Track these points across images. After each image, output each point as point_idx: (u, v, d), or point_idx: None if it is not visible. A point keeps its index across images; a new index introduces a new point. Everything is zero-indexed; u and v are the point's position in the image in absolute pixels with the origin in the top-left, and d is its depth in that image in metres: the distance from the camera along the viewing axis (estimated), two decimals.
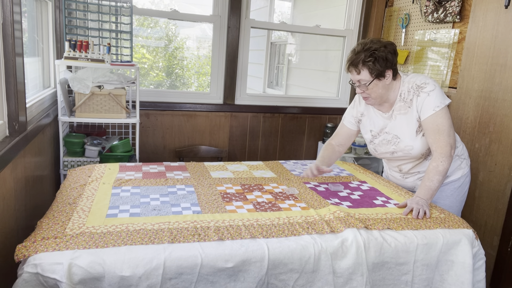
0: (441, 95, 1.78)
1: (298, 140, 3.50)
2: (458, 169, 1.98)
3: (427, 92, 1.77)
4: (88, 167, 2.09)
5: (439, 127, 1.75)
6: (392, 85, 1.83)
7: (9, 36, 1.57)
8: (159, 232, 1.37)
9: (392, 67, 1.78)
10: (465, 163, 2.01)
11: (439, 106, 1.75)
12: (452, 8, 2.66)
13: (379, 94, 1.82)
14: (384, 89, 1.82)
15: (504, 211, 2.31)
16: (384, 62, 1.74)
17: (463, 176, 1.99)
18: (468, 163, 2.02)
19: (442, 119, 1.75)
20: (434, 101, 1.75)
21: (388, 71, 1.77)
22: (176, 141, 3.19)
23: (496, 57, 2.36)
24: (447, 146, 1.74)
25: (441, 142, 1.74)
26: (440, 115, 1.75)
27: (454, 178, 1.97)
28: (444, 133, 1.74)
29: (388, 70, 1.77)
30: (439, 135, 1.75)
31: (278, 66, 5.61)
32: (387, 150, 1.96)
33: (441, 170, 1.73)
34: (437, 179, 1.73)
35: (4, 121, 1.61)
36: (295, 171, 2.26)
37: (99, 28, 2.77)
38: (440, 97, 1.76)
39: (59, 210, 1.52)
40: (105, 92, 2.56)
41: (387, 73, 1.77)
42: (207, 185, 1.91)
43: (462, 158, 1.99)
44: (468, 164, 2.02)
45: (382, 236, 1.50)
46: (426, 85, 1.78)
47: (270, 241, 1.39)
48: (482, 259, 1.61)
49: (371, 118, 1.99)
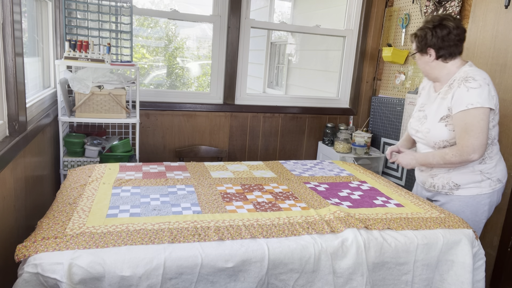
0: (482, 97, 1.69)
1: (298, 140, 3.50)
2: (474, 186, 1.84)
3: (468, 87, 1.73)
4: (88, 167, 2.09)
5: (467, 126, 1.70)
6: (439, 66, 1.86)
7: (9, 36, 1.57)
8: (159, 232, 1.37)
9: (435, 47, 1.82)
10: (488, 183, 1.84)
11: (473, 104, 1.69)
12: (452, 8, 2.66)
13: (422, 68, 1.92)
14: (427, 66, 1.89)
15: (504, 211, 2.31)
16: (424, 41, 1.84)
17: (479, 196, 1.84)
18: (494, 187, 1.85)
19: (473, 119, 1.69)
20: (470, 98, 1.70)
21: (429, 50, 1.84)
22: (176, 141, 3.19)
23: (496, 57, 2.36)
24: (469, 147, 1.69)
25: (465, 141, 1.70)
26: (473, 114, 1.69)
27: (465, 193, 1.85)
28: (471, 134, 1.69)
29: (430, 49, 1.83)
30: (465, 133, 1.71)
31: (278, 66, 5.61)
32: (414, 127, 1.99)
33: (447, 158, 1.76)
34: (437, 160, 1.80)
35: (4, 121, 1.61)
36: (295, 171, 2.26)
37: (99, 28, 2.77)
38: (478, 97, 1.69)
39: (59, 210, 1.52)
40: (105, 92, 2.56)
41: (429, 51, 1.84)
42: (207, 185, 1.91)
43: (486, 177, 1.83)
44: (493, 187, 1.84)
45: (382, 236, 1.50)
46: (473, 80, 1.73)
47: (270, 241, 1.39)
48: (482, 259, 1.62)
49: (425, 92, 2.02)
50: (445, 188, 1.89)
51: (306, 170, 2.30)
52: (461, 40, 1.82)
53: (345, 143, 3.16)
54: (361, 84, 3.54)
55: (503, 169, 1.88)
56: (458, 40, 1.81)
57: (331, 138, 3.37)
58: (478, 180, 1.83)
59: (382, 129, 3.36)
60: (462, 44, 1.84)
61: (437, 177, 1.91)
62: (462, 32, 1.82)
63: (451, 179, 1.86)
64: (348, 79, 3.55)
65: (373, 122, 3.49)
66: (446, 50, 1.81)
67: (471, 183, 1.84)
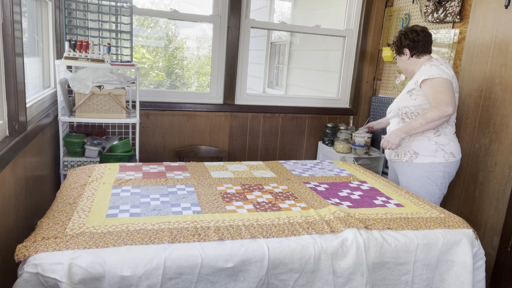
0: (442, 71, 2.08)
1: (298, 140, 3.50)
2: (430, 155, 2.17)
3: (431, 64, 2.14)
4: (88, 167, 2.09)
5: (436, 88, 2.05)
6: (414, 62, 2.27)
7: (9, 36, 1.57)
8: (159, 232, 1.37)
9: (407, 46, 2.25)
10: (442, 155, 2.16)
11: (434, 75, 2.07)
12: (452, 8, 2.66)
13: (401, 66, 2.35)
14: (405, 64, 2.31)
15: (504, 211, 2.31)
16: (398, 43, 2.29)
17: (434, 163, 2.16)
18: (447, 159, 2.17)
19: (439, 83, 2.05)
20: (433, 71, 2.09)
21: (405, 50, 2.27)
22: (176, 141, 3.19)
23: (496, 57, 2.36)
24: (443, 102, 2.02)
25: (438, 98, 2.03)
26: (438, 80, 2.06)
27: (423, 161, 2.18)
28: (442, 92, 2.03)
29: (405, 49, 2.27)
30: (437, 94, 2.04)
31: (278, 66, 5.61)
32: (389, 109, 2.37)
33: (427, 117, 2.06)
34: (420, 122, 2.08)
35: (4, 121, 1.61)
36: (295, 171, 2.26)
37: (99, 28, 2.77)
38: (439, 71, 2.08)
39: (59, 210, 1.52)
40: (105, 92, 2.56)
41: (404, 50, 2.28)
42: (207, 185, 1.91)
43: (440, 148, 2.16)
44: (447, 159, 2.17)
45: (382, 236, 1.50)
46: (435, 61, 2.17)
47: (270, 241, 1.39)
48: (482, 259, 1.62)
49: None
50: (406, 156, 2.24)
51: (306, 170, 2.30)
52: (428, 41, 2.24)
53: (345, 143, 3.16)
54: (361, 84, 3.54)
55: (456, 147, 2.21)
56: (425, 40, 2.23)
57: (331, 138, 3.37)
58: (433, 149, 2.17)
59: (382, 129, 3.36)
60: (430, 44, 2.26)
61: (401, 147, 2.26)
62: (428, 35, 2.24)
63: (411, 147, 2.21)
64: (348, 79, 3.55)
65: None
66: (418, 49, 2.24)
67: (427, 152, 2.17)
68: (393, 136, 2.20)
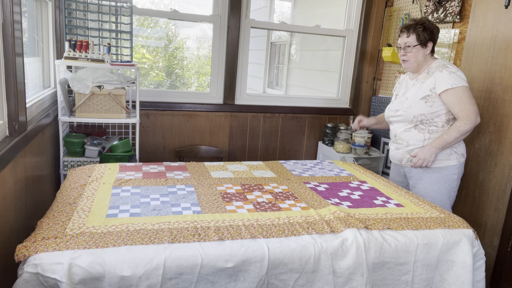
0: (462, 78, 2.04)
1: (298, 140, 3.50)
2: (445, 158, 2.13)
3: (449, 71, 2.06)
4: (88, 167, 2.09)
5: (462, 98, 2.01)
6: (428, 58, 2.17)
7: (9, 36, 1.57)
8: (159, 232, 1.37)
9: (433, 41, 2.13)
10: (455, 157, 2.14)
11: (456, 84, 2.01)
12: (452, 8, 2.66)
13: (417, 59, 2.16)
14: (422, 58, 2.15)
15: (504, 211, 2.31)
16: (430, 34, 2.11)
17: (449, 167, 2.13)
18: (459, 160, 2.15)
19: (463, 93, 2.01)
20: (453, 79, 2.03)
21: (430, 43, 2.13)
22: (176, 141, 3.19)
23: (496, 57, 2.36)
24: (473, 113, 2.00)
25: (467, 109, 2.00)
26: (461, 89, 2.02)
27: (438, 165, 2.13)
28: (469, 103, 2.01)
29: (430, 42, 2.13)
30: (464, 104, 2.01)
31: (278, 66, 5.61)
32: (394, 108, 2.26)
33: (461, 130, 2.01)
34: (454, 136, 2.03)
35: (4, 121, 1.61)
36: (295, 171, 2.26)
37: (99, 28, 2.77)
38: (459, 79, 2.04)
39: (59, 210, 1.52)
40: (105, 92, 2.56)
41: (429, 44, 2.13)
42: (207, 185, 1.91)
43: (453, 151, 2.13)
44: (459, 160, 2.15)
45: (382, 236, 1.50)
46: (451, 66, 2.09)
47: (270, 241, 1.39)
48: (482, 259, 1.62)
49: (402, 84, 2.32)
50: None
51: (306, 170, 2.30)
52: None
53: (345, 143, 3.16)
54: (361, 84, 3.54)
55: (464, 146, 2.19)
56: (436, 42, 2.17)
57: (331, 138, 3.37)
58: (448, 153, 2.12)
59: (382, 129, 3.36)
60: None
61: (413, 153, 2.17)
62: None
63: None
64: (348, 79, 3.55)
65: None
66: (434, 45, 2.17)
67: (443, 156, 2.12)
68: (428, 154, 2.07)
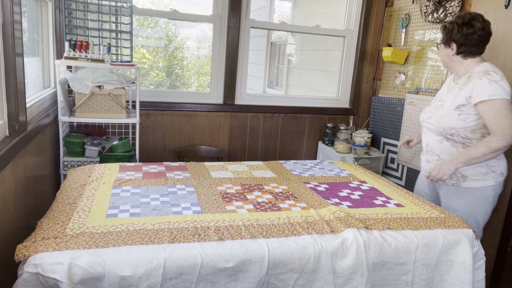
0: (504, 89, 1.79)
1: (298, 140, 3.50)
2: (480, 178, 1.92)
3: (490, 79, 1.82)
4: (88, 167, 2.09)
5: (499, 111, 1.77)
6: (458, 61, 1.97)
7: (9, 36, 1.57)
8: (159, 232, 1.37)
9: (457, 43, 1.92)
10: (492, 176, 1.92)
11: (496, 95, 1.78)
12: (452, 8, 2.66)
13: (443, 59, 2.04)
14: (448, 58, 2.00)
15: (504, 211, 2.31)
16: (449, 35, 1.94)
17: (485, 188, 1.92)
18: (497, 180, 1.93)
19: (501, 105, 1.77)
20: (493, 89, 1.79)
21: (452, 44, 1.94)
22: (176, 141, 3.19)
23: (496, 57, 2.36)
24: (509, 129, 1.75)
25: (503, 124, 1.76)
26: (500, 101, 1.78)
27: (471, 185, 1.93)
28: (507, 117, 1.76)
29: (453, 43, 1.94)
30: (501, 118, 1.77)
31: (278, 66, 5.61)
32: (427, 113, 2.08)
33: (492, 146, 1.76)
34: (482, 151, 1.78)
35: (4, 121, 1.61)
36: (295, 171, 2.26)
37: (99, 28, 2.77)
38: (501, 89, 1.79)
39: (59, 210, 1.52)
40: (105, 92, 2.56)
41: (452, 45, 1.95)
42: (207, 185, 1.91)
43: (491, 170, 1.91)
44: (497, 180, 1.93)
45: (382, 236, 1.50)
46: (494, 74, 1.83)
47: (270, 241, 1.39)
48: (482, 259, 1.62)
49: (445, 85, 2.12)
50: (453, 179, 1.97)
51: (306, 170, 2.30)
52: (483, 41, 1.90)
53: (345, 143, 3.16)
54: (361, 84, 3.54)
55: (505, 164, 1.95)
56: (480, 41, 1.89)
57: (331, 138, 3.37)
58: (484, 172, 1.91)
59: (382, 129, 3.36)
60: (484, 46, 1.92)
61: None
62: (487, 35, 1.90)
63: (459, 170, 1.92)
64: (348, 79, 3.55)
65: (373, 122, 3.49)
66: (467, 48, 1.91)
67: (478, 175, 1.91)
68: (446, 166, 1.85)
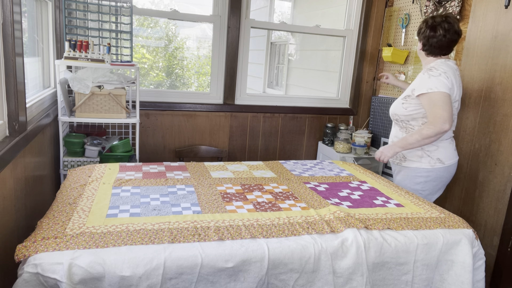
0: (440, 83, 1.98)
1: (298, 140, 3.50)
2: (416, 160, 2.18)
3: (430, 74, 2.03)
4: (88, 167, 2.09)
5: (434, 102, 1.99)
6: (422, 56, 2.18)
7: (9, 36, 1.57)
8: (159, 232, 1.37)
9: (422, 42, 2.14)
10: (428, 160, 2.15)
11: (432, 89, 1.98)
12: (452, 8, 2.66)
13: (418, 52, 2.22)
14: (418, 51, 2.20)
15: (504, 211, 2.31)
16: (418, 32, 2.17)
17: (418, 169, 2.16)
18: (433, 165, 2.14)
19: (436, 97, 1.98)
20: (432, 83, 2.00)
21: (420, 42, 2.15)
22: (176, 141, 3.19)
23: (496, 57, 2.36)
24: (440, 119, 1.96)
25: (435, 114, 1.98)
26: (436, 94, 1.98)
27: (408, 165, 2.21)
28: (439, 108, 1.97)
29: (420, 41, 2.15)
30: (435, 109, 1.99)
31: (278, 66, 5.61)
32: None
33: (423, 133, 2.02)
34: (415, 138, 2.05)
35: (4, 121, 1.61)
36: (295, 171, 2.26)
37: (99, 28, 2.77)
38: (438, 84, 1.98)
39: (59, 210, 1.52)
40: (105, 92, 2.56)
41: (420, 40, 2.15)
42: (207, 185, 1.91)
43: (426, 154, 2.15)
44: (432, 165, 2.14)
45: (382, 236, 1.50)
46: (435, 70, 2.04)
47: (270, 241, 1.39)
48: (482, 259, 1.62)
49: None
50: (397, 159, 2.28)
51: (306, 170, 2.30)
52: (443, 47, 2.09)
53: (345, 143, 3.16)
54: (361, 84, 3.54)
55: (446, 153, 2.16)
56: (439, 46, 2.08)
57: (331, 138, 3.37)
58: (419, 155, 2.17)
59: (382, 129, 3.36)
60: (446, 49, 2.10)
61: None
62: (449, 41, 2.07)
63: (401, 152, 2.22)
64: (348, 79, 3.55)
65: (373, 122, 3.49)
66: (429, 48, 2.11)
67: (414, 157, 2.19)
68: (388, 150, 2.20)
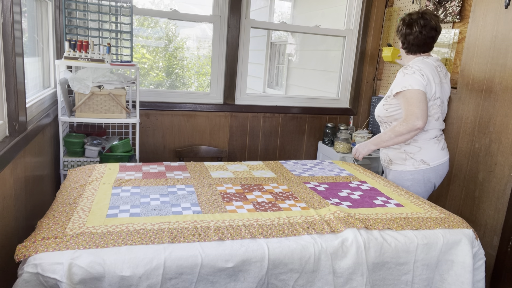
0: (414, 81, 1.98)
1: (298, 140, 3.50)
2: (400, 163, 2.18)
3: (404, 73, 2.03)
4: (88, 167, 2.09)
5: (407, 99, 1.99)
6: (403, 54, 2.19)
7: (9, 36, 1.57)
8: (159, 232, 1.37)
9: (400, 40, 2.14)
10: (412, 163, 2.12)
11: (406, 86, 1.98)
12: (452, 8, 2.66)
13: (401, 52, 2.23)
14: (401, 52, 2.21)
15: (504, 211, 2.31)
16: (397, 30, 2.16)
17: (403, 172, 2.16)
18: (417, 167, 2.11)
19: (410, 94, 1.97)
20: (406, 81, 1.99)
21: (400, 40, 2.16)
22: (176, 141, 3.19)
23: (496, 57, 2.36)
24: (412, 115, 1.96)
25: (408, 111, 1.98)
26: (409, 92, 1.97)
27: (395, 168, 2.22)
28: (412, 105, 1.96)
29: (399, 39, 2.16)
30: (408, 106, 1.98)
31: (278, 66, 5.61)
32: None
33: (396, 130, 2.03)
34: (388, 134, 2.07)
35: (4, 121, 1.61)
36: (295, 171, 2.26)
37: (99, 28, 2.77)
38: (411, 81, 1.98)
39: (59, 210, 1.52)
40: (105, 92, 2.56)
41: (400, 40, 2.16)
42: (207, 185, 1.91)
43: (409, 156, 2.14)
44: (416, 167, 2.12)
45: (382, 236, 1.50)
46: (410, 68, 2.04)
47: (270, 241, 1.39)
48: (482, 259, 1.62)
49: None
50: (385, 162, 2.30)
51: (306, 170, 2.30)
52: (420, 44, 2.07)
53: (345, 143, 3.17)
54: (361, 84, 3.54)
55: (429, 154, 2.11)
56: (416, 44, 2.07)
57: (331, 138, 3.37)
58: (402, 158, 2.16)
59: None
60: (425, 46, 2.09)
61: (381, 153, 2.32)
62: (425, 38, 2.05)
63: (387, 154, 2.25)
64: (348, 79, 3.55)
65: (373, 122, 3.49)
66: (407, 45, 2.12)
67: (398, 160, 2.19)
68: (362, 146, 2.24)
